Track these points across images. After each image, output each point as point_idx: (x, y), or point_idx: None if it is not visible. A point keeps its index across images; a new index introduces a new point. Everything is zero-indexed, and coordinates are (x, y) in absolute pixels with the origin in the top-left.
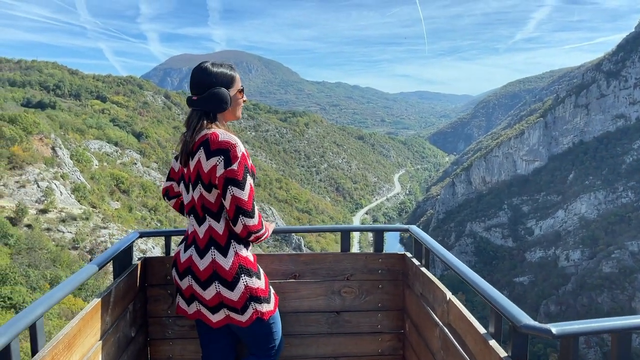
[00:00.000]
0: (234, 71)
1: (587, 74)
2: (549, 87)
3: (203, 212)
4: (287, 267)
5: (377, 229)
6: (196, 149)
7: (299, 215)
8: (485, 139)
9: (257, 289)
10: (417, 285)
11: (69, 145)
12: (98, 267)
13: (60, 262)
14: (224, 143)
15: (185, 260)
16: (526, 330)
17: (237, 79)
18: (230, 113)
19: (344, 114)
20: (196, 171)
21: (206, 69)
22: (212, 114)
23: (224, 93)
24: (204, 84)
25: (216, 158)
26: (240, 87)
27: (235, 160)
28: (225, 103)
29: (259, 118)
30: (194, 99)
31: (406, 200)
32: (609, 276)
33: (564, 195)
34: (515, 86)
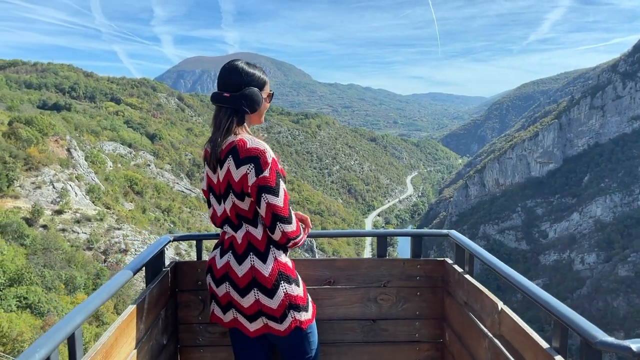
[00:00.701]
0: (265, 75)
1: (603, 75)
2: (563, 89)
3: (238, 219)
4: (321, 273)
5: (416, 234)
6: (224, 157)
7: (310, 216)
8: (498, 141)
9: (297, 297)
10: (459, 293)
11: (84, 147)
12: (132, 272)
13: (75, 263)
14: (254, 150)
15: (222, 266)
16: (602, 347)
17: (268, 83)
18: (256, 116)
19: (356, 116)
20: (226, 181)
21: (242, 67)
22: (241, 114)
23: (258, 93)
24: (238, 82)
25: (246, 166)
26: (270, 91)
27: (266, 167)
28: (258, 104)
29: (271, 120)
30: (226, 95)
31: (419, 203)
32: (625, 280)
33: (579, 198)
34: (529, 88)
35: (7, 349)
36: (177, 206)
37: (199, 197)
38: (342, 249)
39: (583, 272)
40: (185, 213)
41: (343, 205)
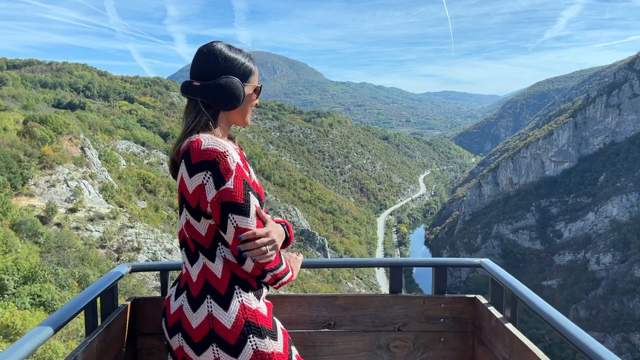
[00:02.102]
0: (253, 63)
1: (619, 73)
2: (578, 87)
3: (195, 246)
4: (318, 313)
5: (439, 264)
6: (179, 162)
7: (322, 215)
8: (512, 140)
9: (272, 355)
10: (497, 345)
11: (98, 146)
12: (54, 329)
13: (89, 261)
14: (210, 152)
15: (175, 312)
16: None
17: (255, 73)
18: (238, 114)
19: (368, 115)
20: (180, 192)
21: (221, 50)
22: (214, 110)
23: (239, 85)
24: (213, 69)
25: (201, 175)
26: (257, 84)
27: (229, 176)
28: (237, 99)
29: (284, 118)
30: (196, 85)
31: (431, 202)
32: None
33: (595, 197)
34: (544, 86)
35: None
36: None
37: None
38: (354, 248)
39: (598, 272)
40: None
41: (355, 204)
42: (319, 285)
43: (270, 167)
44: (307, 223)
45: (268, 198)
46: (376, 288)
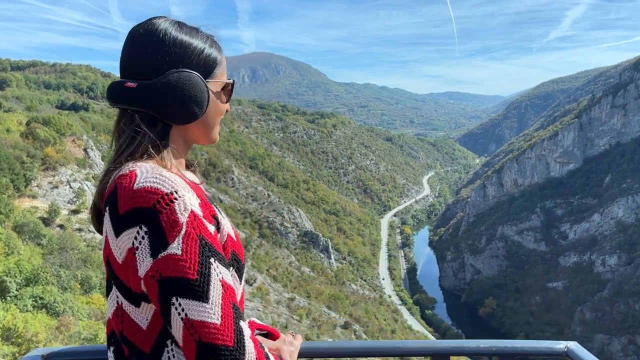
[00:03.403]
0: (218, 48)
1: (625, 74)
2: (583, 87)
3: (129, 349)
4: None
5: (506, 352)
6: (104, 208)
7: (326, 216)
8: (517, 141)
9: None
10: None
11: (101, 147)
12: None
13: (91, 263)
14: (145, 195)
15: None
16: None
17: (223, 63)
18: (201, 127)
19: (372, 115)
20: (106, 258)
21: (165, 31)
22: (162, 124)
23: (198, 82)
24: (156, 60)
25: (132, 232)
26: (226, 80)
27: (174, 233)
28: (199, 104)
29: (287, 119)
30: (130, 87)
31: (435, 203)
32: None
33: (600, 199)
34: (549, 86)
35: (22, 349)
36: None
37: (215, 197)
38: (358, 250)
39: (604, 274)
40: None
41: (359, 205)
42: (322, 286)
43: (274, 168)
44: (310, 224)
45: (271, 200)
46: (380, 290)
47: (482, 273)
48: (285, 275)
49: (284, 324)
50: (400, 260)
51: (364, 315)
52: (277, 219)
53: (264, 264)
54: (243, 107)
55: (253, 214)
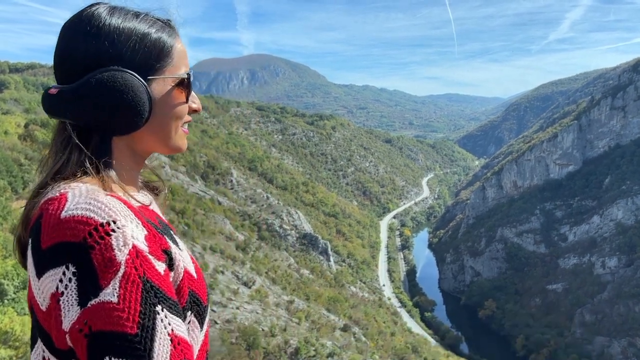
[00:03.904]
0: (170, 33)
1: (624, 75)
2: (583, 89)
3: None
4: None
5: None
6: (27, 239)
7: (325, 219)
8: (516, 142)
9: None
10: None
11: None
12: None
13: None
14: (73, 226)
15: None
16: None
17: (176, 51)
18: (154, 135)
19: (371, 117)
20: (30, 303)
21: (91, 18)
22: (100, 135)
23: (132, 84)
24: (82, 56)
25: (56, 273)
26: (182, 73)
27: (108, 276)
28: (136, 111)
29: (286, 121)
30: (51, 94)
31: (435, 205)
32: None
33: (600, 201)
34: (548, 88)
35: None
36: (191, 208)
37: (214, 199)
38: (358, 252)
39: (604, 276)
40: (199, 215)
41: (358, 207)
42: (322, 289)
43: (273, 170)
44: (309, 227)
45: (271, 202)
46: (379, 292)
47: (481, 275)
48: (284, 278)
49: (283, 327)
50: (400, 262)
51: (363, 318)
52: (276, 221)
53: (263, 267)
54: (242, 109)
55: (252, 216)
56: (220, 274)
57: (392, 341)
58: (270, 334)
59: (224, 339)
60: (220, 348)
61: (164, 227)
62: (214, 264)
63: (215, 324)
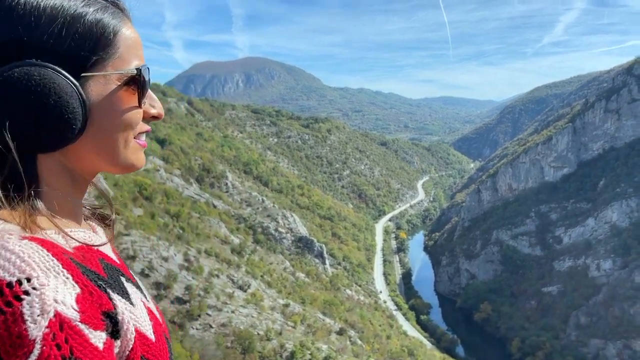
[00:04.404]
0: (113, 17)
1: (618, 78)
2: (577, 92)
3: None
4: None
5: None
6: None
7: (321, 222)
8: (511, 145)
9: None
10: None
11: None
12: None
13: None
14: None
15: None
16: None
17: (121, 40)
18: (93, 151)
19: (366, 120)
20: None
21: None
22: (22, 153)
23: (53, 84)
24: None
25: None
26: (132, 68)
27: (20, 356)
28: (61, 118)
29: (281, 124)
30: None
31: (430, 208)
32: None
33: (594, 203)
34: (542, 91)
35: None
36: (186, 211)
37: (209, 202)
38: (353, 255)
39: (599, 278)
40: (194, 218)
41: (353, 210)
42: (317, 292)
43: (268, 173)
44: (305, 230)
45: (266, 205)
46: (375, 295)
47: (477, 278)
48: (279, 281)
49: (279, 331)
50: (396, 265)
51: (359, 321)
52: (272, 224)
53: (258, 270)
54: (237, 112)
55: (247, 219)
56: (215, 278)
57: (388, 344)
58: (265, 338)
59: (219, 343)
60: (215, 352)
61: (113, 274)
62: (209, 268)
63: (210, 328)
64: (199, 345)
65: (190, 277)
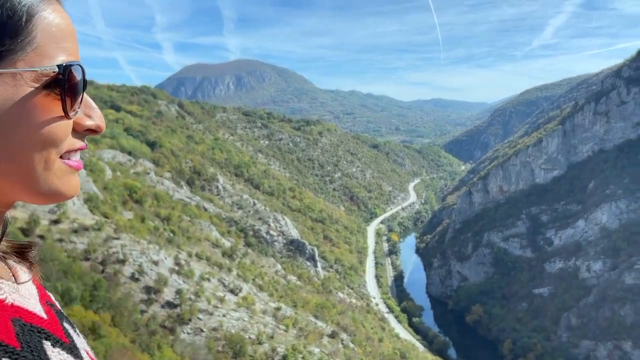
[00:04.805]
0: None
1: (607, 81)
2: (567, 94)
3: None
4: None
5: None
6: None
7: (312, 224)
8: (502, 147)
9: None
10: None
11: (83, 155)
12: None
13: (72, 274)
14: None
15: None
16: None
17: (36, 23)
18: (3, 173)
19: (358, 122)
20: None
21: None
22: None
23: None
24: None
25: None
26: (53, 64)
27: None
28: None
29: (273, 127)
30: None
31: (422, 210)
32: (632, 288)
33: (584, 205)
34: (533, 94)
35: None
36: (176, 215)
37: (199, 205)
38: (345, 257)
39: (589, 280)
40: (185, 222)
41: (345, 212)
42: (309, 295)
43: (260, 175)
44: (296, 232)
45: (257, 208)
46: (367, 298)
47: (468, 280)
48: (271, 285)
49: (270, 334)
50: (387, 267)
51: (351, 324)
52: (263, 227)
53: (250, 273)
54: (228, 115)
55: (238, 222)
56: (206, 282)
57: (380, 347)
58: (257, 342)
59: (210, 348)
60: (206, 357)
61: (31, 340)
62: (199, 271)
63: (202, 332)
64: (190, 350)
65: (181, 280)
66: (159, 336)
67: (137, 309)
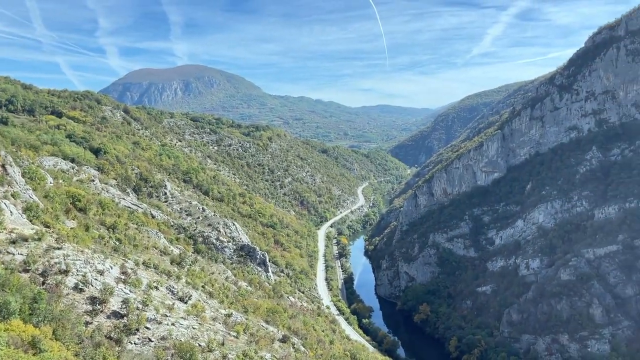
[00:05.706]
0: None
1: (541, 88)
2: (505, 100)
3: None
4: None
5: None
6: None
7: (263, 229)
8: (445, 151)
9: None
10: None
11: (21, 163)
12: None
13: (10, 287)
14: None
15: None
16: None
17: None
18: None
19: (307, 128)
20: None
21: None
22: None
23: None
24: None
25: None
26: None
27: None
28: None
29: (221, 132)
30: None
31: (370, 213)
32: (567, 283)
33: (523, 205)
34: (473, 100)
35: None
36: (123, 222)
37: (147, 213)
38: (296, 262)
39: (528, 277)
40: (132, 229)
41: (296, 217)
42: (260, 301)
43: (209, 181)
44: (247, 238)
45: (207, 214)
46: (318, 301)
47: (416, 280)
48: (221, 291)
49: (221, 341)
50: (338, 270)
51: (302, 328)
52: (213, 234)
53: (199, 280)
54: (176, 120)
55: (187, 229)
56: (154, 290)
57: (331, 349)
58: (207, 349)
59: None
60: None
61: None
62: (147, 280)
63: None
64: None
65: (128, 290)
66: (104, 348)
67: (81, 321)
